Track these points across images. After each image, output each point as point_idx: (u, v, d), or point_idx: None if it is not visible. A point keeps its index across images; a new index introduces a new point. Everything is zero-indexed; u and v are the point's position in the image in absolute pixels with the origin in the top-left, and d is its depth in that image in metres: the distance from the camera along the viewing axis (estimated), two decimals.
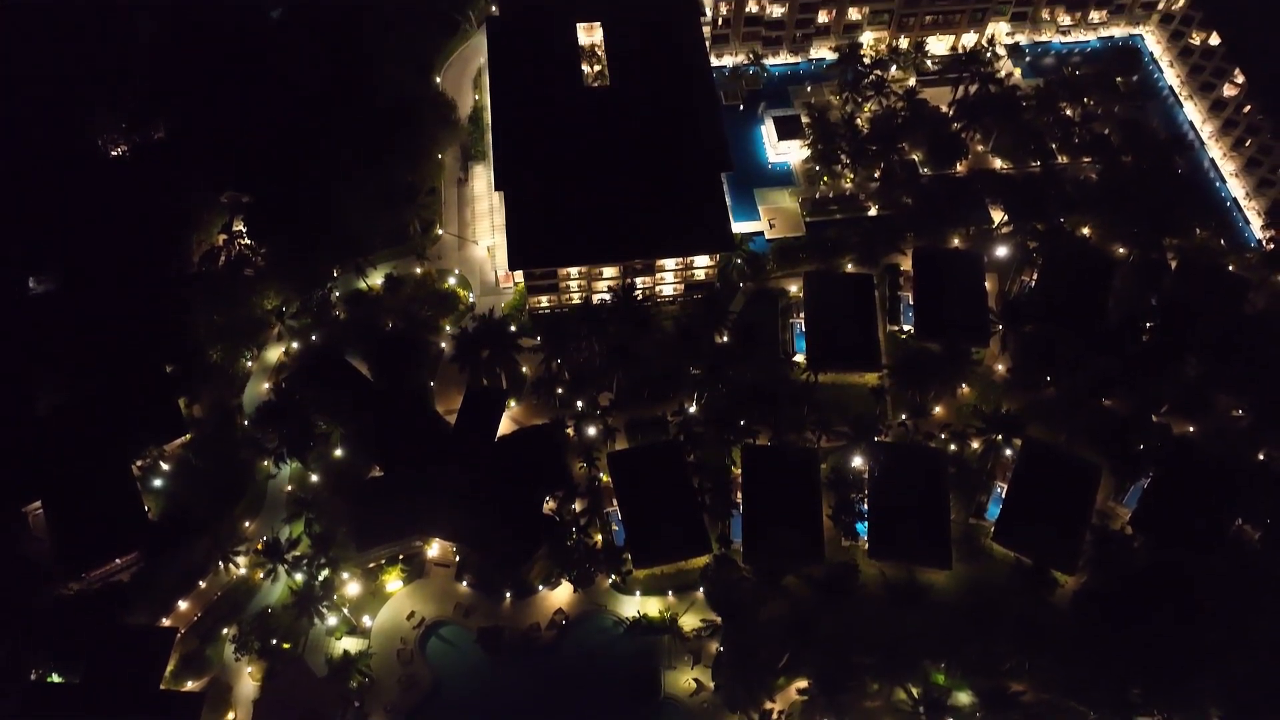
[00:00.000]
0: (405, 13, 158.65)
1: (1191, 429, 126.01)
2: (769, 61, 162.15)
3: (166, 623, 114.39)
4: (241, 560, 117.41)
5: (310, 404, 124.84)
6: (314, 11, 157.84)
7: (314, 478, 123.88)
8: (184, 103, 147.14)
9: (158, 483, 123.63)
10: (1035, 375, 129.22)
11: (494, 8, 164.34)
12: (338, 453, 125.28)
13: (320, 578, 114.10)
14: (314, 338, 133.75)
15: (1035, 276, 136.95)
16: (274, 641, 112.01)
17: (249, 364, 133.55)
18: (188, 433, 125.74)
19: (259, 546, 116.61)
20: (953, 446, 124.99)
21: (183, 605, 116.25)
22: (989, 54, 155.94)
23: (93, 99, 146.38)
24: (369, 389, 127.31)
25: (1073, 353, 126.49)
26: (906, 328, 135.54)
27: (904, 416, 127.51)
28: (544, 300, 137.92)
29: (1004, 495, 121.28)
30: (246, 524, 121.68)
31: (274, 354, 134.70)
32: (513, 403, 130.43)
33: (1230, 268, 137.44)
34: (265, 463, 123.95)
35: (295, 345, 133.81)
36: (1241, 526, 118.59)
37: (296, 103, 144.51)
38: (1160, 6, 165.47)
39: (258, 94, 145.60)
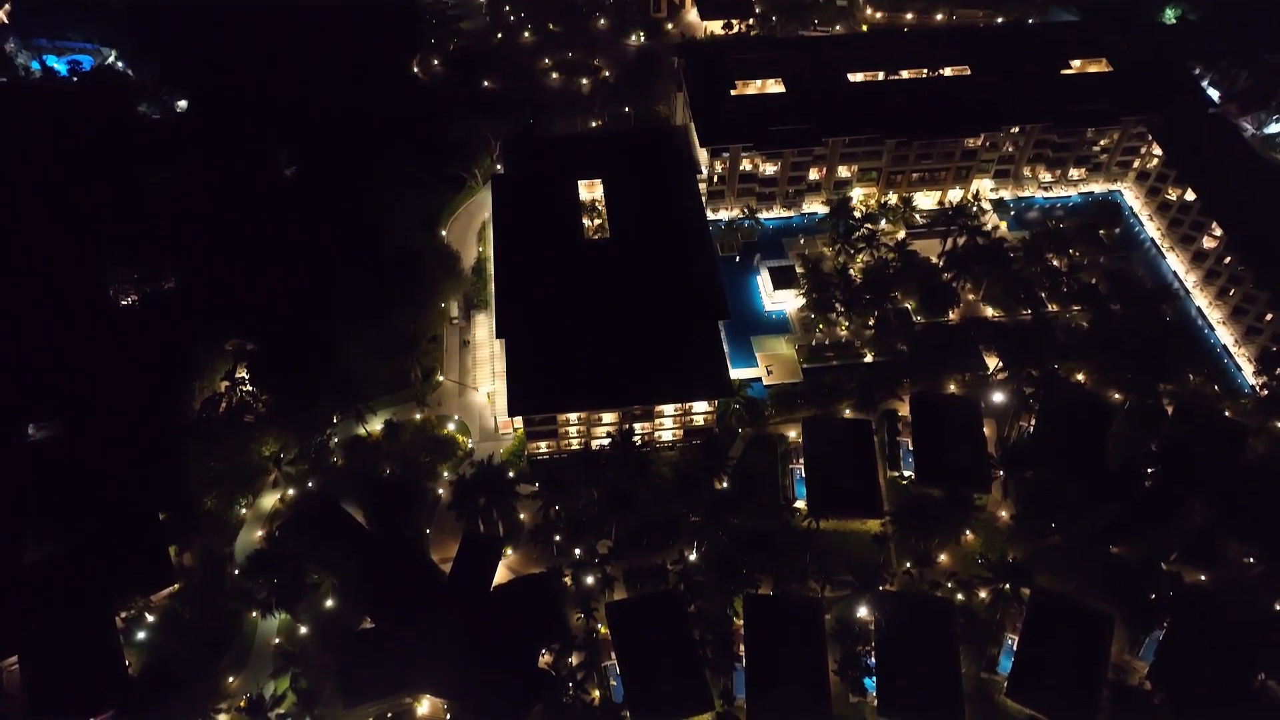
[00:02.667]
0: (414, 170, 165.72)
1: (1204, 577, 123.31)
2: (763, 215, 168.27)
3: None
4: (223, 718, 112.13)
5: (303, 552, 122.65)
6: (327, 169, 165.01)
7: (303, 630, 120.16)
8: (196, 254, 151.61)
9: (141, 635, 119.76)
10: (1040, 522, 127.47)
11: (499, 166, 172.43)
12: (328, 603, 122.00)
13: None
14: (310, 484, 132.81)
15: (1033, 422, 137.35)
16: None
17: (243, 511, 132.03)
18: (176, 582, 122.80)
19: (241, 703, 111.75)
20: (960, 596, 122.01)
21: None
22: (975, 208, 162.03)
23: (108, 250, 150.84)
24: (364, 537, 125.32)
25: (1076, 499, 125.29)
26: (907, 473, 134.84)
27: (908, 565, 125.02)
28: (543, 446, 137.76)
29: (1015, 648, 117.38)
30: (230, 679, 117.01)
31: (269, 501, 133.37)
32: (509, 551, 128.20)
33: (1227, 414, 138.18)
34: (253, 614, 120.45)
35: (291, 492, 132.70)
36: (1265, 682, 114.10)
37: (306, 254, 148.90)
38: (1136, 165, 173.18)
39: (269, 245, 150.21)
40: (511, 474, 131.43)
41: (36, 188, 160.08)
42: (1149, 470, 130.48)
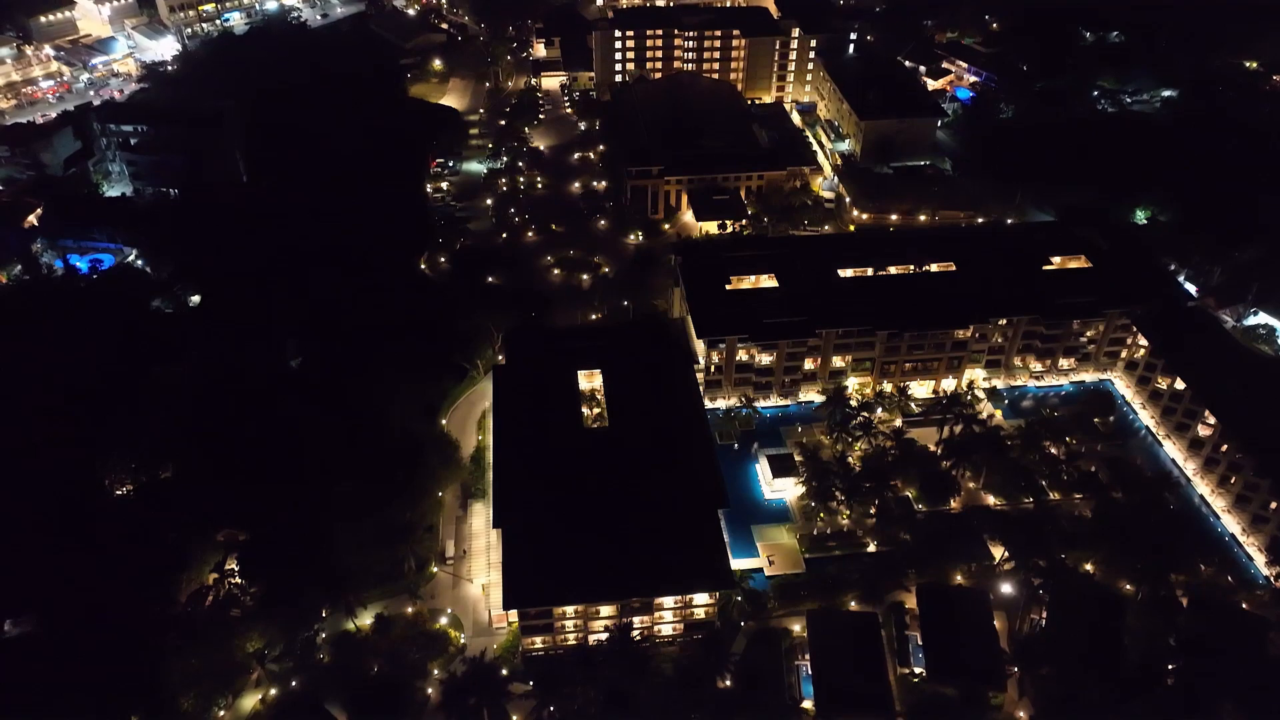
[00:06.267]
0: (416, 361, 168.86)
1: None
2: (760, 404, 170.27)
3: None
4: None
5: None
6: (332, 360, 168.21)
7: None
8: (196, 444, 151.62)
9: None
10: None
11: (501, 357, 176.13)
12: None
13: None
14: (294, 684, 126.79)
15: (1044, 615, 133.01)
16: None
17: (221, 713, 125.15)
18: None
19: None
20: None
21: None
22: (969, 396, 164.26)
23: (109, 441, 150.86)
24: None
25: (1097, 698, 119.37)
26: (918, 670, 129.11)
27: None
28: (538, 641, 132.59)
29: None
30: None
31: (250, 701, 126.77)
32: None
33: (1244, 605, 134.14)
34: None
35: (274, 692, 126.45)
36: None
37: (306, 443, 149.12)
38: (1124, 355, 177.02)
39: (269, 435, 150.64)
40: (505, 671, 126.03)
41: (43, 384, 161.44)
42: (1170, 666, 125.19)
